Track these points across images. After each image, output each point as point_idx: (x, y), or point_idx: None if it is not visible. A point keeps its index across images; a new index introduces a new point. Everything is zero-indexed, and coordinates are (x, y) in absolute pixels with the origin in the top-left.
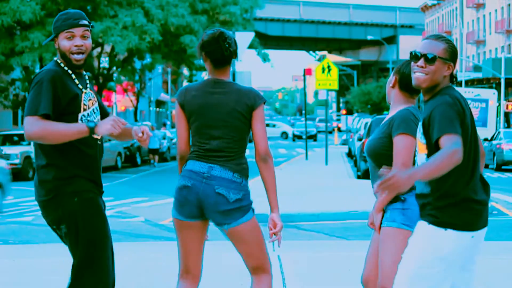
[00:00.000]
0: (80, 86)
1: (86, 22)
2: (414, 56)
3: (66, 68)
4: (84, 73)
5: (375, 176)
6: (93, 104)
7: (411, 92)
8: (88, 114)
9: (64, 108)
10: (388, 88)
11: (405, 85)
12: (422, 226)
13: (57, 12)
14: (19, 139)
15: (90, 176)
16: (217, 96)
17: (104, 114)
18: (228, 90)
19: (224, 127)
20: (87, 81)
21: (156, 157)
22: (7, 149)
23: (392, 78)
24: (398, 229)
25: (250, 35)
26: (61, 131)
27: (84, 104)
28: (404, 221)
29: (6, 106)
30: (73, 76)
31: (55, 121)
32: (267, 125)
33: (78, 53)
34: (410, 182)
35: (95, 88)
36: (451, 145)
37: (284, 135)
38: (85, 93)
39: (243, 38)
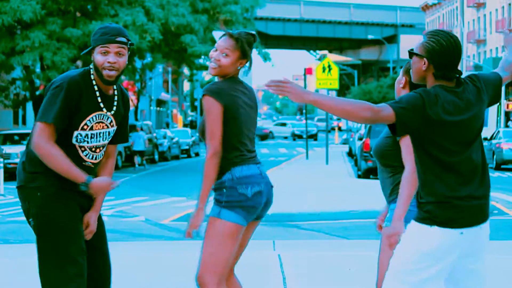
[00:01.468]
0: (102, 105)
1: (123, 39)
2: None
3: (94, 82)
4: (116, 93)
5: (382, 177)
6: (103, 128)
7: None
8: (87, 135)
9: (71, 116)
10: (398, 88)
11: (415, 87)
12: (411, 224)
13: (57, 11)
14: (20, 139)
15: (60, 175)
16: (247, 97)
17: (117, 135)
18: (249, 90)
19: (254, 127)
20: (115, 104)
21: (139, 159)
22: (8, 149)
23: (402, 78)
24: None
25: None
26: (62, 167)
27: (85, 124)
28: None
29: (6, 105)
30: (97, 93)
31: (62, 151)
32: (283, 124)
33: (110, 70)
34: (301, 97)
35: None
36: (372, 105)
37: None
38: (100, 114)
39: None
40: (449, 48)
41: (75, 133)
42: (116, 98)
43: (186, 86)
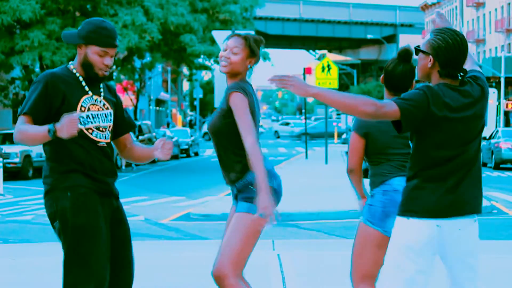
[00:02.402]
0: (87, 89)
1: (118, 42)
2: None
3: (75, 71)
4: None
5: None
6: (99, 110)
7: (392, 89)
8: (87, 116)
9: (59, 107)
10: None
11: (388, 83)
12: (396, 219)
13: (57, 11)
14: None
15: (89, 172)
16: (256, 99)
17: (123, 126)
18: (255, 92)
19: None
20: (102, 90)
21: (124, 161)
22: (7, 148)
23: (381, 76)
24: (363, 223)
25: None
26: (30, 135)
27: (82, 106)
28: (368, 217)
29: (6, 105)
30: (83, 82)
31: (36, 124)
32: (287, 123)
33: (105, 70)
34: (304, 90)
35: None
36: (376, 100)
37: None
38: (89, 97)
39: None
40: (455, 46)
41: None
42: (101, 85)
43: (186, 85)
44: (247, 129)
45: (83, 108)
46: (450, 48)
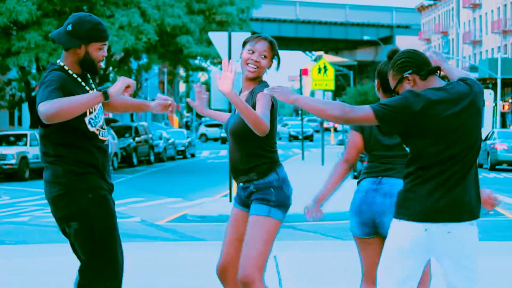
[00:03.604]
0: (87, 88)
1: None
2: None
3: (71, 72)
4: (88, 76)
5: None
6: (97, 105)
7: (390, 91)
8: (95, 116)
9: None
10: (377, 92)
11: (386, 85)
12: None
13: (53, 12)
14: (16, 140)
15: (101, 173)
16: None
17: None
18: None
19: None
20: (92, 83)
21: (115, 163)
22: (3, 150)
23: (375, 81)
24: None
25: (247, 36)
26: (75, 99)
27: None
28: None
29: (2, 106)
30: (79, 79)
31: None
32: (285, 124)
33: (101, 61)
34: (286, 96)
35: None
36: (345, 105)
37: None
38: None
39: (239, 39)
40: (415, 52)
41: (87, 119)
42: (88, 76)
43: (182, 87)
44: (265, 113)
45: (91, 109)
46: (413, 55)
